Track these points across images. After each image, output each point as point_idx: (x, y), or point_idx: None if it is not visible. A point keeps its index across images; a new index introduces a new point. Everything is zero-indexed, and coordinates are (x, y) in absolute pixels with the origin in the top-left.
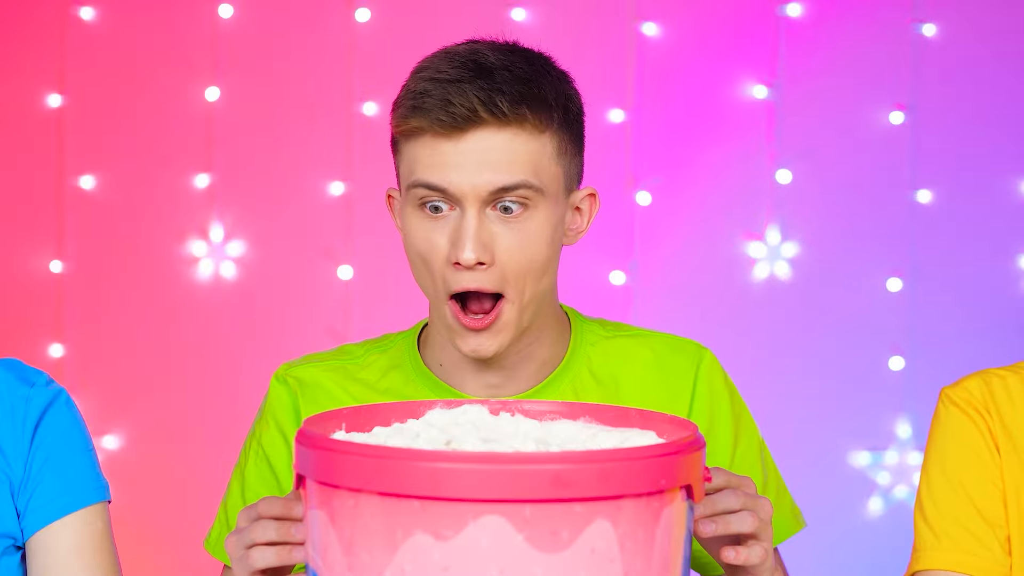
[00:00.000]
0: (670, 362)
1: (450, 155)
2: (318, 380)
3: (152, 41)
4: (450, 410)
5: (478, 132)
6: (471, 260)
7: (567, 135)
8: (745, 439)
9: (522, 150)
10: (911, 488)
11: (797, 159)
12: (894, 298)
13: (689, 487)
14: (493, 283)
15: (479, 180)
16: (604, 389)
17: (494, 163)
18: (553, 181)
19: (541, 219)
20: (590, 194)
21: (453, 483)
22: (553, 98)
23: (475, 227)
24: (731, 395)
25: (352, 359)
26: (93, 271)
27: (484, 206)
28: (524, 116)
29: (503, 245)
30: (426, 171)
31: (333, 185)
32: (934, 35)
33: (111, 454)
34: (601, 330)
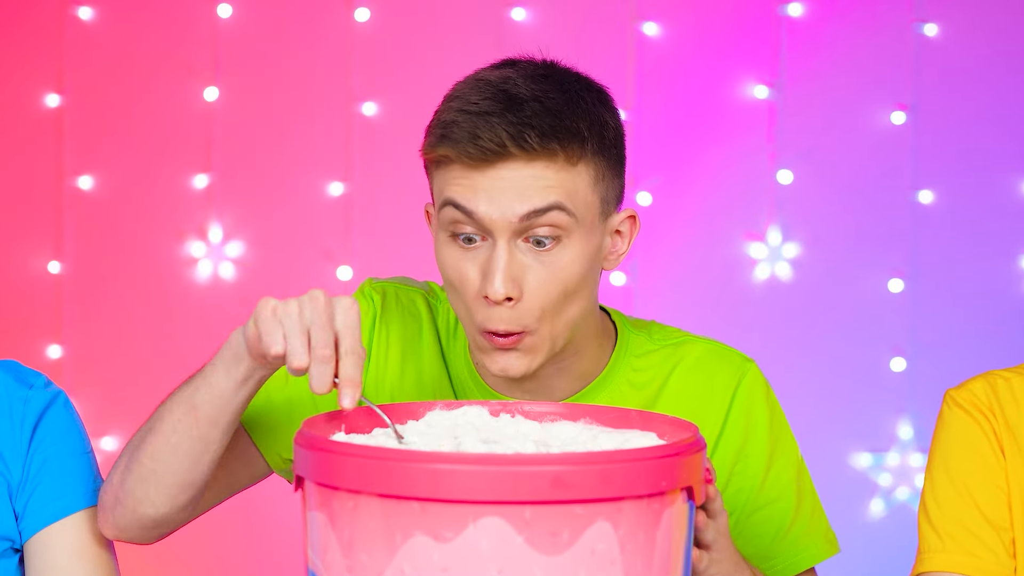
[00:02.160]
0: (711, 373)
1: (479, 182)
2: (403, 300)
3: (151, 41)
4: (450, 411)
5: (507, 164)
6: (500, 295)
7: (604, 162)
8: (781, 460)
9: (553, 180)
10: (913, 490)
11: (798, 159)
12: (895, 299)
13: (690, 489)
14: (523, 319)
15: (508, 209)
16: (642, 396)
17: (523, 191)
18: (589, 210)
19: (574, 252)
20: (630, 216)
21: (453, 484)
22: (587, 128)
23: (506, 259)
24: (772, 413)
25: (436, 299)
26: (91, 272)
27: (515, 237)
28: (555, 150)
29: (533, 279)
30: (456, 192)
31: (332, 185)
32: (936, 35)
33: (110, 456)
34: (648, 342)
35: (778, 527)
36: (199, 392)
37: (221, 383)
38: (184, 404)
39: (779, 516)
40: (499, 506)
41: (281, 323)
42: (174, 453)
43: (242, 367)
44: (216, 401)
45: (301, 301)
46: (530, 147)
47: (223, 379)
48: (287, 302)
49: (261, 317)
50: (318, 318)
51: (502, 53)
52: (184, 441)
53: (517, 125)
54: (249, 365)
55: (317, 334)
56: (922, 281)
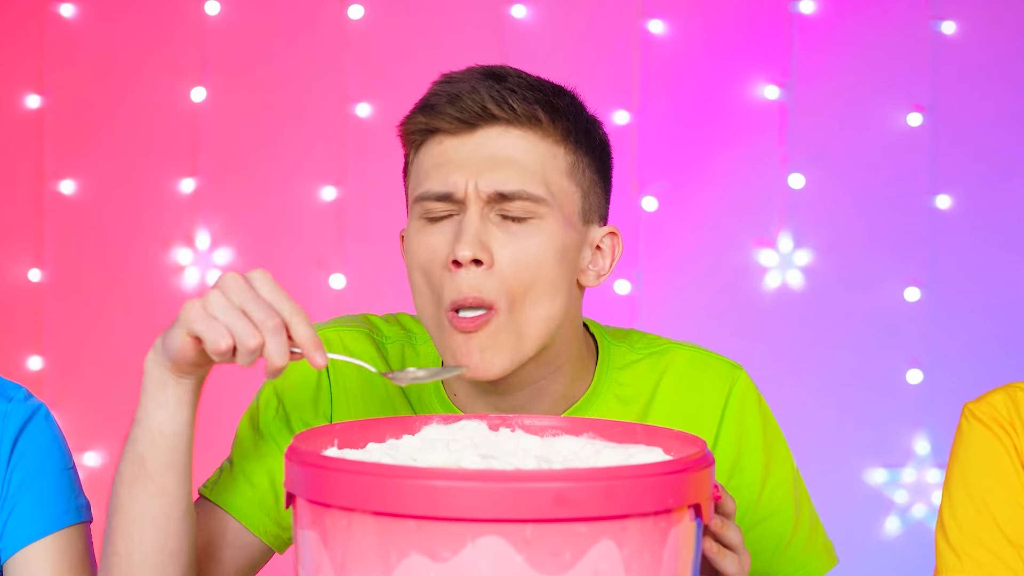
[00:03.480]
0: (699, 384)
1: (456, 152)
2: (348, 344)
3: (136, 39)
4: (447, 425)
5: (489, 130)
6: (467, 256)
7: (585, 159)
8: (777, 471)
9: (532, 153)
10: (930, 507)
11: (810, 162)
12: (912, 308)
13: (697, 506)
14: (491, 290)
15: (482, 179)
16: (631, 412)
17: (501, 162)
18: (565, 197)
19: (548, 234)
20: (611, 232)
21: (450, 502)
22: (572, 116)
23: (476, 224)
24: (764, 423)
25: (380, 336)
26: (74, 280)
27: (487, 207)
28: (537, 118)
29: (504, 250)
30: (430, 177)
31: (325, 190)
32: (954, 33)
33: (93, 472)
34: (630, 352)
35: (777, 541)
36: (139, 442)
37: (157, 419)
38: (131, 465)
39: (778, 530)
40: (499, 524)
41: (215, 316)
42: (141, 523)
43: (170, 390)
44: (161, 441)
45: (221, 288)
46: (511, 110)
47: (158, 414)
48: (208, 295)
49: (193, 317)
50: (246, 296)
51: (502, 52)
52: (147, 505)
53: (499, 89)
54: (177, 384)
55: (253, 310)
56: (940, 289)
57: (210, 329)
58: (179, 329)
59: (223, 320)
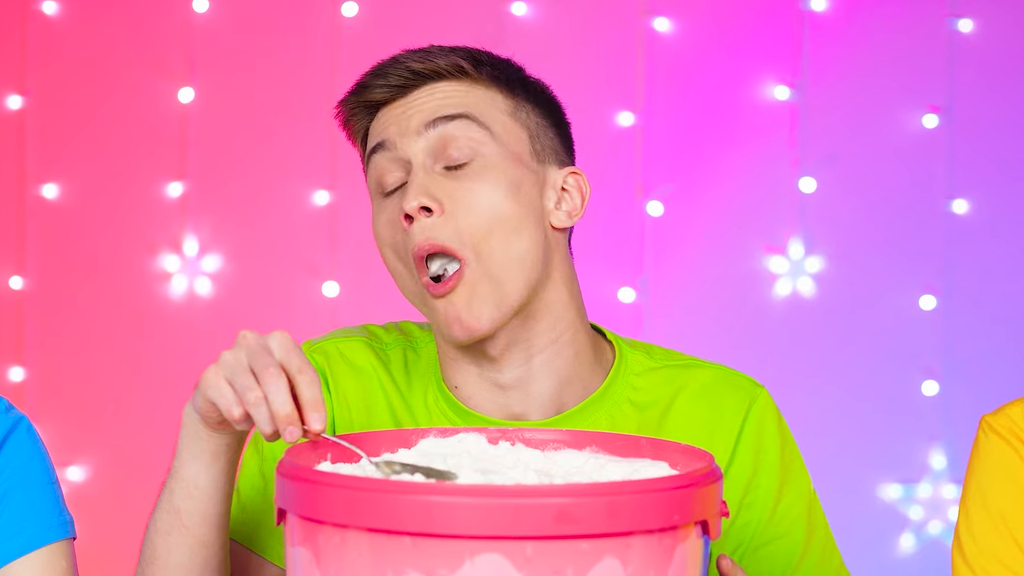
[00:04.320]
0: (720, 398)
1: (391, 115)
2: (346, 355)
3: (121, 37)
4: (445, 439)
5: (418, 91)
6: (415, 207)
7: (528, 104)
8: (792, 491)
9: (465, 94)
10: (946, 524)
11: (822, 166)
12: (928, 317)
13: (705, 523)
14: (447, 236)
15: (419, 122)
16: (645, 420)
17: (433, 106)
18: (510, 135)
19: (495, 171)
20: (573, 172)
21: (448, 518)
22: (503, 66)
23: (421, 177)
24: (783, 442)
25: (379, 344)
26: (57, 288)
27: (431, 160)
28: (463, 70)
29: (453, 195)
30: (373, 138)
31: (317, 194)
32: (971, 31)
33: (76, 487)
34: (648, 360)
35: (786, 563)
36: (175, 493)
37: (192, 471)
38: (168, 515)
39: (788, 551)
40: (498, 541)
41: (228, 381)
42: (179, 573)
43: (204, 443)
44: (196, 493)
45: (233, 349)
46: (436, 66)
47: (193, 466)
48: (222, 358)
49: (208, 385)
50: (255, 354)
51: (502, 50)
52: (185, 555)
53: (422, 55)
54: (210, 438)
55: (259, 366)
56: (956, 297)
57: (222, 397)
58: (197, 392)
59: (235, 385)
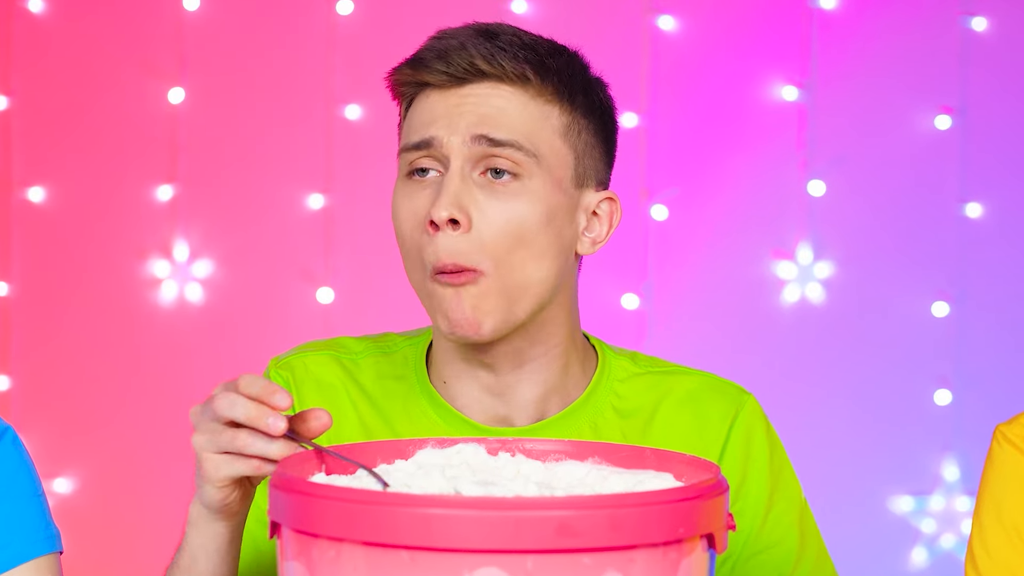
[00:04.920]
0: (706, 405)
1: (442, 106)
2: (312, 370)
3: (109, 36)
4: (443, 450)
5: (476, 86)
6: (443, 217)
7: (582, 121)
8: (783, 500)
9: (523, 111)
10: (959, 537)
11: (831, 168)
12: (940, 324)
13: (710, 536)
14: (471, 254)
15: (466, 131)
16: (629, 428)
17: (486, 115)
18: (556, 158)
19: (534, 193)
20: (608, 198)
21: (446, 532)
22: (568, 75)
23: (457, 184)
24: (772, 449)
25: (349, 355)
26: (43, 294)
27: (470, 165)
28: (526, 76)
29: (483, 210)
30: (416, 131)
31: (312, 198)
32: (985, 29)
33: (63, 499)
34: (632, 365)
35: (779, 572)
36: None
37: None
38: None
39: (781, 560)
40: (498, 555)
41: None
42: None
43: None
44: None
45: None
46: (500, 67)
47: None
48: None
49: (208, 475)
50: (224, 396)
51: None
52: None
53: (489, 47)
54: (227, 528)
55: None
56: (969, 304)
57: (229, 468)
58: (205, 488)
59: (226, 446)
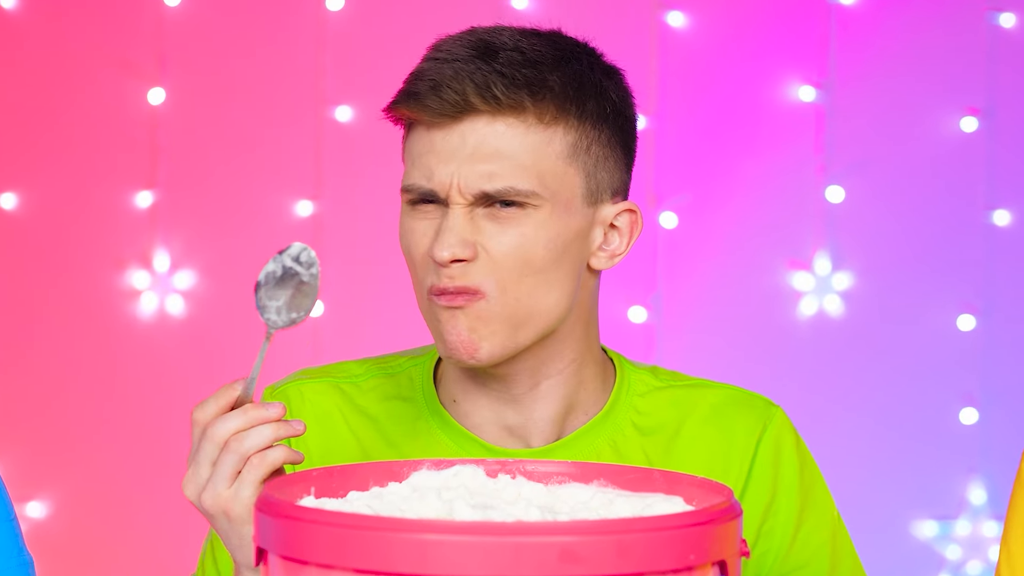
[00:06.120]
0: (732, 419)
1: (439, 145)
2: (309, 398)
3: (85, 33)
4: (439, 471)
5: (470, 122)
6: (445, 258)
7: (592, 133)
8: (814, 517)
9: (521, 144)
10: (986, 564)
11: (851, 173)
12: (966, 338)
13: (723, 563)
14: (474, 276)
15: (466, 177)
16: (651, 446)
17: (484, 157)
18: (563, 184)
19: (539, 221)
20: (628, 210)
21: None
22: (574, 88)
23: (459, 222)
24: (802, 464)
25: (349, 379)
26: (14, 306)
27: (471, 205)
28: (523, 104)
29: (491, 238)
30: (416, 167)
31: (300, 205)
32: (1013, 26)
33: (36, 524)
34: (653, 379)
35: None
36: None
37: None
38: None
39: None
40: None
41: (212, 465)
42: None
43: None
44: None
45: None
46: (494, 99)
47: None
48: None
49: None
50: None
51: None
52: None
53: (484, 72)
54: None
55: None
56: (997, 317)
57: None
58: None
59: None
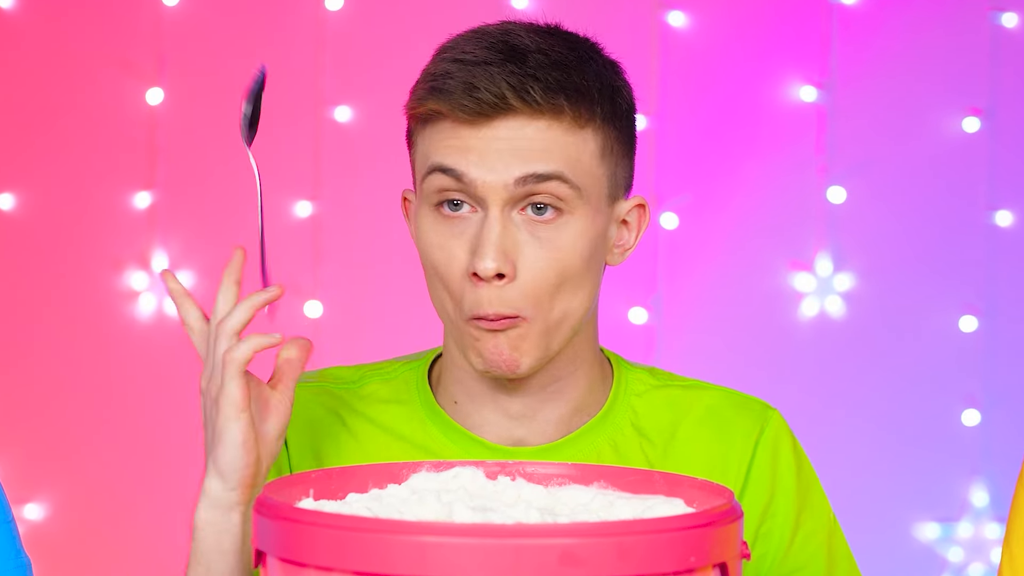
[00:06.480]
0: (729, 421)
1: (472, 142)
2: (301, 404)
3: (83, 32)
4: (438, 473)
5: (506, 121)
6: (490, 271)
7: (613, 133)
8: (811, 520)
9: (558, 143)
10: (988, 567)
11: (852, 174)
12: (968, 340)
13: (724, 565)
14: (513, 303)
15: (504, 171)
16: (650, 446)
17: (524, 152)
18: (595, 185)
19: (577, 230)
20: (639, 204)
21: (442, 561)
22: (597, 89)
23: (498, 231)
24: (799, 466)
25: (342, 385)
26: (12, 307)
27: (510, 207)
28: (561, 107)
29: (528, 257)
30: (444, 153)
31: (299, 205)
32: (1016, 26)
33: (34, 526)
34: (650, 378)
35: None
36: (195, 567)
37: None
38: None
39: None
40: None
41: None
42: None
43: (233, 530)
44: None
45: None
46: (533, 101)
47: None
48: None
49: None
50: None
51: None
52: None
53: (519, 76)
54: (241, 514)
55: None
56: (1000, 319)
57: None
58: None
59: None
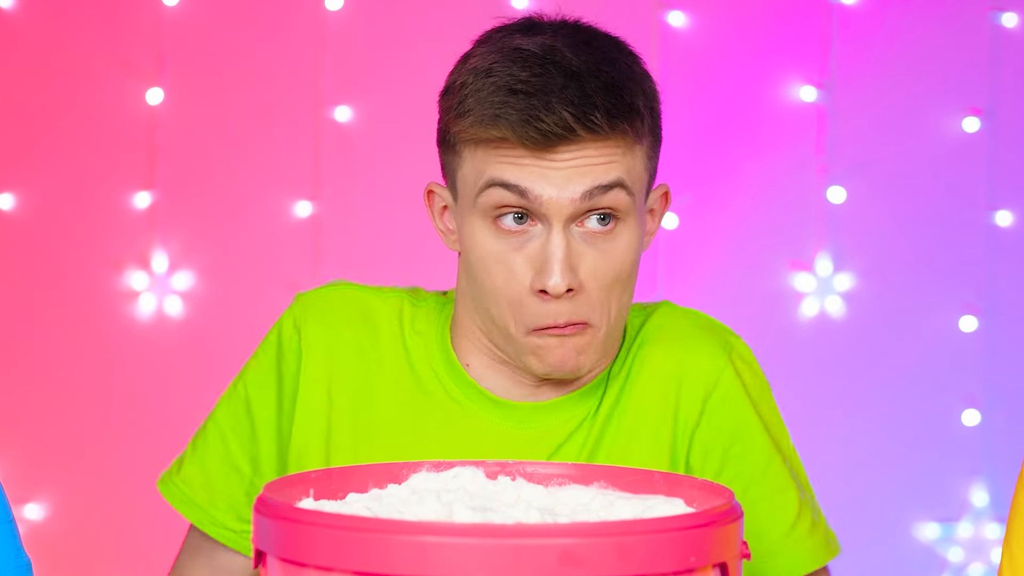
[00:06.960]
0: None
1: (536, 162)
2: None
3: (82, 32)
4: (438, 473)
5: (570, 147)
6: (561, 288)
7: (653, 137)
8: (784, 446)
9: (616, 156)
10: (988, 567)
11: (852, 174)
12: (968, 340)
13: (724, 565)
14: (580, 311)
15: (570, 189)
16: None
17: (586, 168)
18: (642, 189)
19: (630, 236)
20: (664, 193)
21: (442, 561)
22: (644, 104)
23: (564, 248)
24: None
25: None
26: (11, 307)
27: (571, 222)
28: (623, 131)
29: (590, 267)
30: (504, 170)
31: (299, 205)
32: (1016, 26)
33: (35, 526)
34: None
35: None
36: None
37: None
38: None
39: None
40: None
41: None
42: None
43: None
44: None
45: None
46: (598, 128)
47: None
48: None
49: None
50: None
51: None
52: None
53: (581, 106)
54: None
55: None
56: (1000, 319)
57: None
58: None
59: None
